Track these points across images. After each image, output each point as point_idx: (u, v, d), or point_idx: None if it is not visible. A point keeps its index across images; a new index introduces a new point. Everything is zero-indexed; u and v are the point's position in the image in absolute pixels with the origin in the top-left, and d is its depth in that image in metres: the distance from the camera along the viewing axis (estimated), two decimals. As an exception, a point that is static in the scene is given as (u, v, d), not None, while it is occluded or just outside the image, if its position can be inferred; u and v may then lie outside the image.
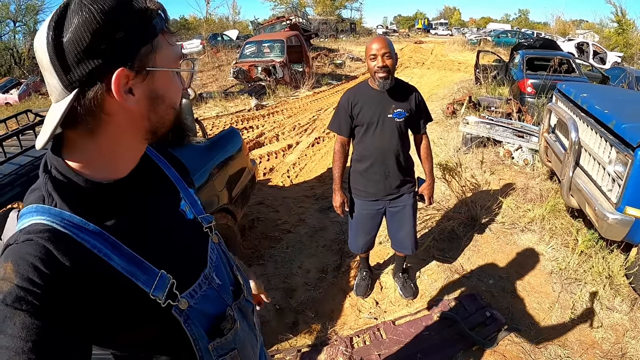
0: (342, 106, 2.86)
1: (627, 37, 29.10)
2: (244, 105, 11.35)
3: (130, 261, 0.81)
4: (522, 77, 9.25)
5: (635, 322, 3.28)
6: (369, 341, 3.05)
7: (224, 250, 1.17)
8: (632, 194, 3.20)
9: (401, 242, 3.21)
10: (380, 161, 2.87)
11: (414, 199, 3.10)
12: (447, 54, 27.58)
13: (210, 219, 1.11)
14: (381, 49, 2.61)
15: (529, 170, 5.95)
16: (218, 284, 1.03)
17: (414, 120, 2.89)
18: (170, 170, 1.08)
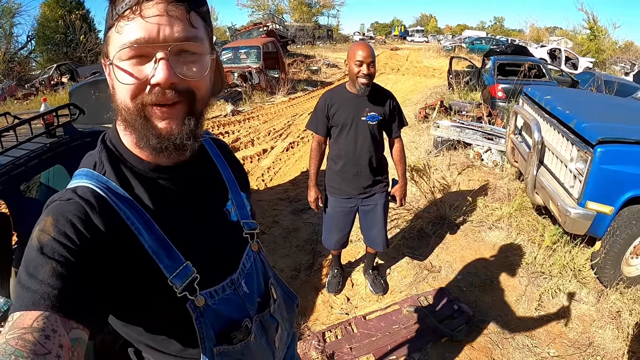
0: (320, 107, 3.00)
1: (599, 43, 29.97)
2: (220, 111, 11.36)
3: (159, 242, 0.83)
4: (493, 82, 9.51)
5: (602, 313, 3.42)
6: (341, 335, 3.13)
7: (262, 260, 1.15)
8: (592, 189, 3.37)
9: (373, 239, 3.33)
10: (352, 161, 3.00)
11: (386, 199, 3.22)
12: (422, 60, 28.00)
13: (254, 225, 1.10)
14: (368, 58, 2.74)
15: (498, 171, 6.12)
16: (245, 292, 1.02)
17: (387, 124, 3.04)
18: (226, 170, 1.08)
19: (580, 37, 34.56)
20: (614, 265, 3.54)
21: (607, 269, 3.57)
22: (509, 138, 5.08)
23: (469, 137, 6.74)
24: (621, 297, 3.49)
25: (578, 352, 3.06)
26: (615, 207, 3.40)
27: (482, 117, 8.09)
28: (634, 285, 3.62)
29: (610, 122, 3.76)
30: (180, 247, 0.86)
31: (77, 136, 2.77)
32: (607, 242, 3.53)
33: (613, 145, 3.31)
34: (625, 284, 3.56)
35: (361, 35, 57.68)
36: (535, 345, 3.08)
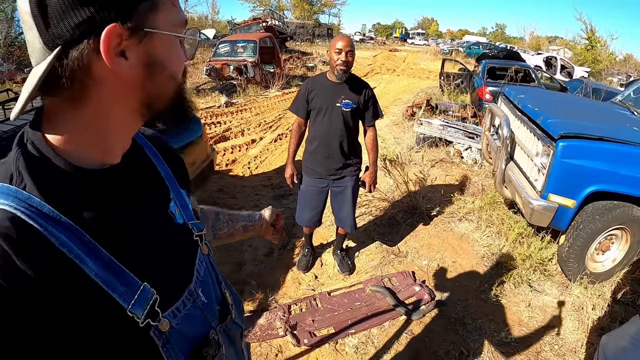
0: (302, 92, 3.29)
1: (596, 54, 30.09)
2: (214, 102, 11.49)
3: (107, 268, 0.67)
4: (482, 85, 9.70)
5: (564, 305, 3.56)
6: (305, 309, 3.30)
7: (212, 264, 1.01)
8: (554, 182, 3.52)
9: (342, 220, 3.55)
10: (324, 143, 3.26)
11: (356, 182, 3.46)
12: (419, 62, 28.15)
13: (202, 226, 0.97)
14: (347, 47, 3.01)
15: (476, 169, 6.31)
16: (203, 302, 0.89)
17: (361, 112, 3.28)
18: (163, 166, 0.93)
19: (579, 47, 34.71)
20: (578, 259, 3.68)
21: (570, 262, 3.71)
22: (484, 135, 5.25)
23: (450, 135, 6.93)
24: (585, 292, 3.63)
25: (536, 340, 3.19)
26: (577, 201, 3.52)
27: (466, 117, 8.27)
28: (600, 282, 3.76)
29: (576, 119, 3.91)
30: (133, 266, 0.71)
31: None
32: (571, 235, 3.68)
33: (575, 140, 3.44)
34: (590, 279, 3.70)
35: (362, 36, 57.75)
36: (494, 330, 3.21)
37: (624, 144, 3.45)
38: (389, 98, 13.11)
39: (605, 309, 3.51)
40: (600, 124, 3.88)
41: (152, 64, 0.71)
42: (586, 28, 31.43)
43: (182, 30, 0.75)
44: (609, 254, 3.88)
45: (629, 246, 3.75)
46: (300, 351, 2.93)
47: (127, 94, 0.71)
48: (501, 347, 3.07)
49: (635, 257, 3.78)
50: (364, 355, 2.91)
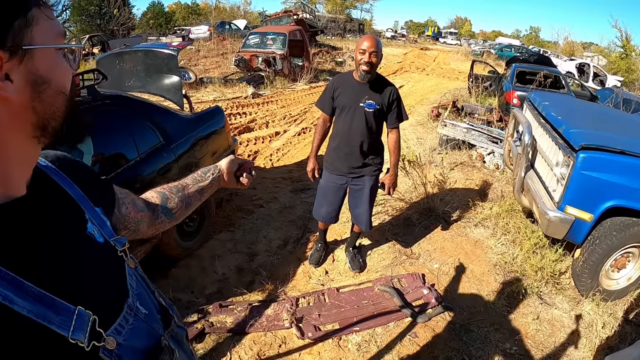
0: (328, 88, 3.34)
1: (630, 63, 29.13)
2: (242, 93, 11.60)
3: (38, 301, 0.65)
4: (510, 89, 9.56)
5: (573, 321, 3.47)
6: (313, 303, 3.35)
7: (142, 275, 1.01)
8: (572, 194, 3.44)
9: (357, 217, 3.59)
10: (346, 141, 3.30)
11: (375, 182, 3.48)
12: (449, 62, 27.85)
13: (124, 240, 0.96)
14: (371, 47, 3.01)
15: (497, 174, 6.23)
16: (145, 313, 0.90)
17: (385, 114, 3.29)
18: (72, 187, 0.90)
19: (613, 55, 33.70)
20: (592, 275, 3.59)
21: (584, 277, 3.62)
22: (507, 140, 5.19)
23: (474, 138, 6.86)
24: (597, 309, 3.53)
25: (541, 353, 3.14)
26: (594, 215, 3.44)
27: (492, 121, 8.18)
28: (613, 300, 3.65)
29: (600, 130, 3.82)
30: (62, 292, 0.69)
31: (98, 98, 3.16)
32: (586, 250, 3.58)
33: (596, 152, 3.35)
34: (602, 296, 3.59)
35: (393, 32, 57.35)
36: (497, 339, 3.18)
37: None
38: (416, 97, 13.04)
39: (616, 328, 3.41)
40: (624, 136, 3.77)
41: (38, 81, 0.68)
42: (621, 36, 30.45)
43: (62, 41, 0.73)
44: (624, 271, 3.78)
45: (646, 265, 3.66)
46: (304, 344, 2.97)
47: (20, 118, 0.68)
48: (504, 357, 3.05)
49: (653, 277, 3.67)
50: (365, 354, 2.93)
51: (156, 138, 3.60)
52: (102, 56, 5.19)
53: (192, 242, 4.06)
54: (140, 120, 3.53)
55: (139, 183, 3.30)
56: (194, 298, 3.48)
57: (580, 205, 3.46)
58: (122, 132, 3.36)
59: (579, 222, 3.49)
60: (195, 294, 3.54)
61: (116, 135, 3.32)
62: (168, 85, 4.51)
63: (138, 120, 3.52)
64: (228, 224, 4.61)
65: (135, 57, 4.68)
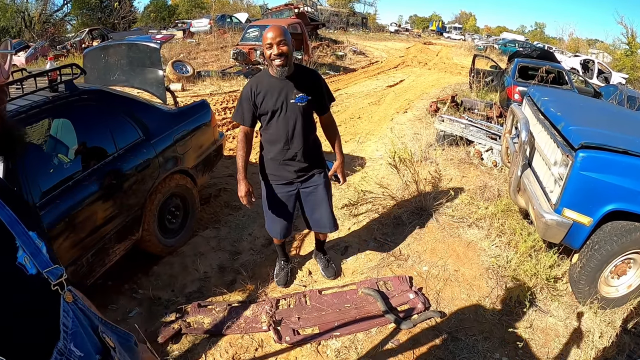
0: (245, 96, 2.89)
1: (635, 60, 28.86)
2: (239, 86, 11.50)
3: None
4: (512, 84, 9.36)
5: (569, 329, 3.29)
6: (293, 305, 3.22)
7: (82, 309, 0.91)
8: (571, 196, 3.22)
9: (318, 221, 3.28)
10: (287, 145, 2.94)
11: (326, 178, 3.19)
12: (452, 57, 27.60)
13: (59, 271, 0.86)
14: (276, 37, 2.64)
15: (495, 172, 6.04)
16: (79, 356, 0.82)
17: (316, 102, 2.98)
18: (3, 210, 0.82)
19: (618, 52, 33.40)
20: (590, 282, 3.39)
21: (582, 284, 3.43)
22: (504, 137, 5.00)
23: (472, 134, 6.66)
24: (594, 317, 3.35)
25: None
26: (594, 219, 3.22)
27: (492, 117, 7.99)
28: (611, 308, 3.46)
29: (601, 128, 3.59)
30: None
31: (75, 92, 3.12)
32: (585, 256, 3.38)
33: (597, 151, 3.13)
34: (600, 304, 3.41)
35: (397, 27, 57.02)
36: (486, 349, 3.00)
37: None
38: (416, 92, 12.83)
39: (614, 338, 3.21)
40: (627, 134, 3.56)
41: None
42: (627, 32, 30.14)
43: None
44: (624, 278, 3.56)
45: (647, 273, 3.47)
46: (281, 348, 2.86)
47: None
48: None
49: (654, 285, 3.48)
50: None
51: (136, 133, 3.53)
52: (88, 50, 5.12)
53: (175, 239, 3.96)
54: (119, 115, 3.46)
55: (117, 179, 3.23)
56: (173, 297, 3.40)
57: (578, 209, 3.24)
58: (100, 127, 3.30)
59: (577, 226, 3.27)
60: (175, 292, 3.46)
61: (93, 130, 3.27)
62: (151, 79, 4.40)
63: (117, 115, 3.44)
64: (214, 221, 4.52)
65: (120, 51, 4.59)
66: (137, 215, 3.41)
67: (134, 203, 3.38)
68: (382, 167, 6.03)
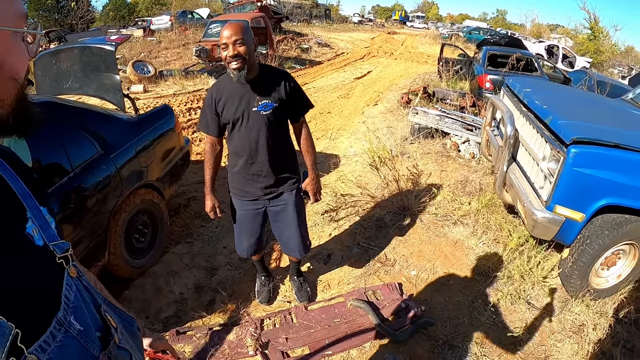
0: (207, 104, 2.58)
1: (598, 44, 29.79)
2: (203, 85, 11.18)
3: None
4: (482, 72, 9.36)
5: (563, 325, 3.24)
6: (279, 324, 3.01)
7: (86, 286, 0.92)
8: (563, 192, 3.14)
9: (287, 244, 2.99)
10: (251, 160, 2.62)
11: (297, 196, 2.86)
12: (417, 46, 27.72)
13: (66, 246, 0.87)
14: (232, 36, 2.27)
15: (474, 164, 5.94)
16: (79, 330, 0.80)
17: (285, 110, 2.60)
18: (17, 182, 0.85)
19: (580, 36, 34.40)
20: (582, 276, 3.35)
21: (573, 278, 3.38)
22: (484, 130, 4.88)
23: (447, 126, 6.56)
24: (586, 310, 3.31)
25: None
26: (586, 215, 3.16)
27: (465, 107, 7.91)
28: (602, 298, 3.46)
29: (590, 121, 3.49)
30: None
31: None
32: (576, 250, 3.32)
33: (589, 147, 3.04)
34: (592, 296, 3.38)
35: (360, 17, 57.04)
36: (484, 354, 2.90)
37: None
38: (384, 83, 12.73)
39: (607, 329, 3.21)
40: (615, 127, 3.49)
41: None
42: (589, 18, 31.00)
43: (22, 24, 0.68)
44: (614, 269, 3.54)
45: (637, 262, 3.43)
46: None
47: None
48: None
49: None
50: (339, 382, 2.59)
51: (93, 148, 3.16)
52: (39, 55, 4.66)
53: (145, 259, 3.65)
54: (72, 129, 3.07)
55: (74, 202, 2.87)
56: (149, 324, 3.10)
57: (571, 205, 3.15)
58: (51, 144, 2.88)
59: (569, 222, 3.20)
60: (150, 318, 3.17)
61: (44, 149, 2.82)
62: (107, 85, 4.03)
63: (70, 129, 3.06)
64: (186, 234, 4.23)
65: (72, 56, 4.16)
66: (101, 239, 3.07)
67: (97, 226, 3.03)
68: (357, 165, 5.84)
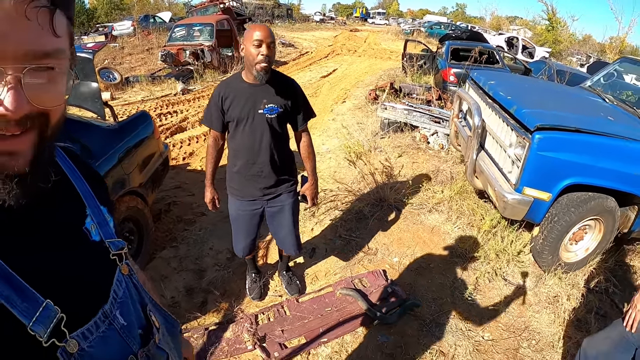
0: (214, 99, 2.64)
1: (556, 34, 30.75)
2: (171, 90, 11.08)
3: (5, 281, 0.63)
4: (446, 67, 9.64)
5: (539, 297, 3.51)
6: (273, 318, 3.11)
7: (135, 285, 0.96)
8: (530, 175, 3.40)
9: (282, 242, 3.12)
10: (252, 160, 2.69)
11: (294, 198, 2.95)
12: (380, 42, 28.03)
13: (121, 244, 0.92)
14: (267, 37, 2.37)
15: (443, 155, 6.19)
16: (122, 324, 0.84)
17: (290, 116, 2.70)
18: (81, 182, 0.89)
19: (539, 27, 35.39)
20: (552, 251, 3.64)
21: (545, 254, 3.66)
22: (452, 121, 5.11)
23: (416, 119, 6.79)
24: (559, 282, 3.59)
25: (513, 336, 3.13)
26: (552, 194, 3.43)
27: (431, 100, 8.16)
28: (573, 271, 3.75)
29: (551, 109, 3.77)
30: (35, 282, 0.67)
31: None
32: (546, 228, 3.61)
33: (552, 132, 3.32)
34: (564, 270, 3.67)
35: (322, 16, 57.24)
36: (469, 329, 3.13)
37: (600, 136, 3.36)
38: (350, 80, 12.90)
39: (580, 299, 3.51)
40: (575, 113, 3.78)
41: None
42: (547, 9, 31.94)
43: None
44: (582, 243, 3.84)
45: (602, 236, 3.72)
46: (272, 365, 2.74)
47: None
48: (479, 346, 3.01)
49: (608, 245, 3.78)
50: (337, 366, 2.74)
51: None
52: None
53: (132, 268, 3.67)
54: None
55: None
56: (145, 330, 3.15)
57: (538, 186, 3.41)
58: None
59: (537, 202, 3.47)
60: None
61: None
62: (86, 93, 3.99)
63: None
64: (170, 239, 4.24)
65: (49, 65, 4.15)
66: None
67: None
68: (332, 161, 5.99)
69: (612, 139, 3.36)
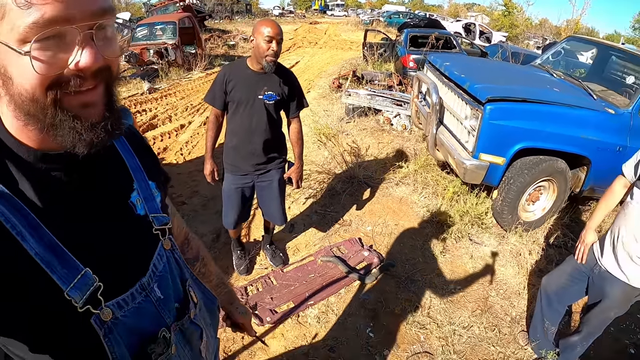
0: (218, 80, 2.90)
1: (513, 19, 31.66)
2: (137, 89, 11.04)
3: (48, 248, 0.66)
4: (405, 53, 9.96)
5: (503, 253, 3.91)
6: (262, 288, 3.34)
7: (177, 260, 0.99)
8: (484, 142, 3.77)
9: (270, 214, 3.39)
10: (247, 139, 2.97)
11: (282, 174, 3.24)
12: (340, 34, 28.20)
13: (166, 220, 0.94)
14: (278, 35, 2.69)
15: (406, 134, 6.54)
16: (159, 297, 0.87)
17: (285, 103, 3.02)
18: (130, 156, 0.92)
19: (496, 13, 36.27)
20: (511, 211, 4.02)
21: (504, 214, 4.05)
22: (413, 102, 5.44)
23: (379, 103, 7.11)
24: (521, 240, 4.00)
25: (482, 287, 3.50)
26: (506, 158, 3.81)
27: (393, 85, 8.50)
28: (533, 229, 4.15)
29: (500, 84, 4.16)
30: (77, 251, 0.71)
31: None
32: (503, 190, 3.99)
33: (501, 103, 3.69)
34: (523, 228, 4.06)
35: (281, 10, 57.00)
36: (442, 283, 3.48)
37: (545, 104, 3.75)
38: (313, 71, 13.13)
39: (541, 253, 3.93)
40: (523, 86, 4.17)
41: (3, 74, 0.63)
42: (503, -5, 32.92)
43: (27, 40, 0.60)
44: (538, 203, 4.24)
45: (557, 195, 4.12)
46: (265, 329, 2.99)
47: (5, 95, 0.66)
48: (452, 297, 3.34)
49: (563, 204, 4.18)
50: (326, 324, 3.02)
51: None
52: None
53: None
54: None
55: None
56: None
57: (492, 151, 3.78)
58: None
59: (493, 166, 3.83)
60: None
61: None
62: None
63: None
64: (154, 231, 4.43)
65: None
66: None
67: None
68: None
69: (557, 107, 3.76)
